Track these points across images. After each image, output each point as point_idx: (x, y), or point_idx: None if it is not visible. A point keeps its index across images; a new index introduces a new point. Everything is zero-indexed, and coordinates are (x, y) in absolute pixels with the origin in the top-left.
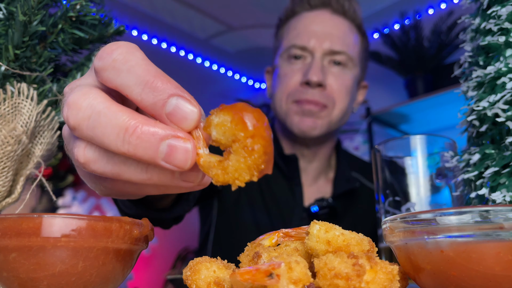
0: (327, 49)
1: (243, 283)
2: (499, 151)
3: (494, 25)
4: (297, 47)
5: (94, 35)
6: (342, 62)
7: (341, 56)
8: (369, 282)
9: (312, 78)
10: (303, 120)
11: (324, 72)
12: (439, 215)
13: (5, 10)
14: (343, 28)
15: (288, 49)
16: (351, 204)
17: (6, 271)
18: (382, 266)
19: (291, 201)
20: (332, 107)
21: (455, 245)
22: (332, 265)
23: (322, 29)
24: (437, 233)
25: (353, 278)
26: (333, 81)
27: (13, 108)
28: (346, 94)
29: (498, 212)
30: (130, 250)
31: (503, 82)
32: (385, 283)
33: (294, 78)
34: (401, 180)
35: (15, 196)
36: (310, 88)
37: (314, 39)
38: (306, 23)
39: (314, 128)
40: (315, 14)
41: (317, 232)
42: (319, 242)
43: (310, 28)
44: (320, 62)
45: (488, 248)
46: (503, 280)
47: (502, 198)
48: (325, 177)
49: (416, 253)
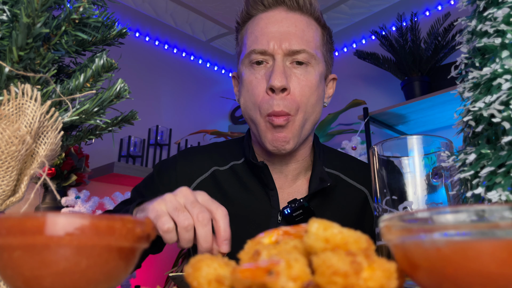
0: (286, 50)
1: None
2: (495, 151)
3: (490, 27)
4: (257, 52)
5: (97, 37)
6: (304, 61)
7: (302, 55)
8: (367, 279)
9: (275, 84)
10: (276, 136)
11: (287, 74)
12: (436, 213)
13: (9, 12)
14: (300, 25)
15: (248, 55)
16: (329, 203)
17: (10, 269)
18: (379, 263)
19: (268, 205)
20: (296, 113)
21: (452, 243)
22: (331, 262)
23: (279, 29)
24: (433, 231)
25: (350, 275)
26: (296, 84)
27: (17, 109)
28: (310, 95)
29: (494, 211)
30: (133, 248)
31: (499, 83)
32: (383, 280)
33: (259, 86)
34: (398, 180)
35: (19, 195)
36: (275, 94)
37: (273, 41)
38: (263, 25)
39: (287, 142)
40: (271, 14)
41: (316, 230)
42: (317, 240)
43: (267, 30)
44: (282, 65)
45: (484, 246)
46: (498, 278)
47: (498, 197)
48: (304, 176)
49: (413, 251)
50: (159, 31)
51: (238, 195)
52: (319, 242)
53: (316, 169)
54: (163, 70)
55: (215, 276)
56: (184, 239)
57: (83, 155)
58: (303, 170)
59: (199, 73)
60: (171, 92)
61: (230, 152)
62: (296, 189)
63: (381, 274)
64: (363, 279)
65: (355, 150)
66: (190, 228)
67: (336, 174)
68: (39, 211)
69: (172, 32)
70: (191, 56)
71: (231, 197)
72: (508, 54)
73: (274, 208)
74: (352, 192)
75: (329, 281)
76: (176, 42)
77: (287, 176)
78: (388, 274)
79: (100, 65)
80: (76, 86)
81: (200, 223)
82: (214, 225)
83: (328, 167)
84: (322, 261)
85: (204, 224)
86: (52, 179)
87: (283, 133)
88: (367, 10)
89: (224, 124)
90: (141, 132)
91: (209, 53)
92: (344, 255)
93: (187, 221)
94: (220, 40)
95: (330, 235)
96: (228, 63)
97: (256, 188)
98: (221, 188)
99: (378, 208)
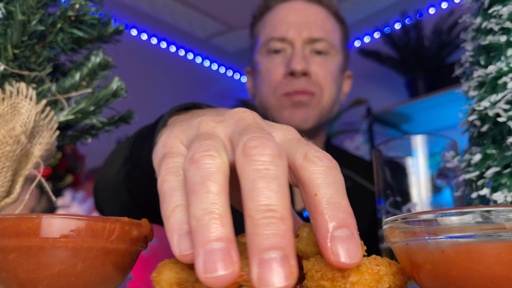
0: (306, 38)
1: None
2: (500, 151)
3: (495, 25)
4: (276, 39)
5: (93, 34)
6: (323, 51)
7: (322, 43)
8: (355, 283)
9: (296, 67)
10: (294, 113)
11: (307, 60)
12: (440, 215)
13: (4, 9)
14: (320, 16)
15: (266, 43)
16: None
17: (5, 271)
18: (368, 267)
19: None
20: (321, 94)
21: (456, 245)
22: (319, 266)
23: (299, 19)
24: (438, 233)
25: (338, 280)
26: (317, 69)
27: (12, 108)
28: (332, 81)
29: (499, 212)
30: (130, 251)
31: (504, 82)
32: (371, 284)
33: (277, 71)
34: (402, 181)
35: (14, 196)
36: (295, 78)
37: (292, 29)
38: (282, 15)
39: (306, 120)
40: (290, 4)
41: (307, 235)
42: (308, 244)
43: (287, 19)
44: (301, 51)
45: (489, 249)
46: (503, 280)
47: (504, 198)
48: None
49: (416, 254)
50: (157, 28)
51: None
52: (310, 247)
53: None
54: (161, 68)
55: (176, 279)
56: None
57: (79, 155)
58: None
59: (198, 72)
60: (169, 91)
61: None
62: None
63: (369, 277)
64: (350, 283)
65: (357, 150)
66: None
67: (348, 174)
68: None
69: (170, 29)
70: (189, 54)
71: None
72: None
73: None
74: (364, 192)
75: (318, 285)
76: (174, 40)
77: None
78: (376, 278)
79: (96, 63)
80: (72, 84)
81: (249, 160)
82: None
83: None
84: (311, 265)
85: (261, 168)
86: (48, 180)
87: (303, 110)
88: (370, 7)
89: None
90: None
91: (208, 51)
92: None
93: (207, 151)
94: (219, 37)
95: None
96: (228, 62)
97: None
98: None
99: (382, 210)
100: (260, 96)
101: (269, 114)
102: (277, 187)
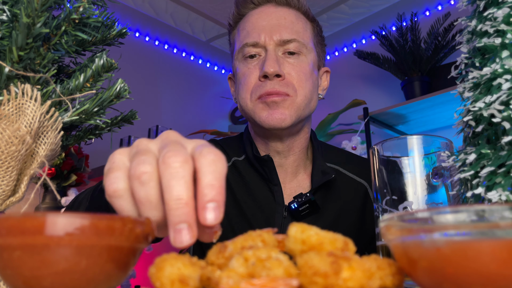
0: (278, 40)
1: None
2: (495, 151)
3: (490, 27)
4: (249, 45)
5: (97, 37)
6: (295, 51)
7: (293, 44)
8: (347, 280)
9: (268, 70)
10: (271, 114)
11: (280, 62)
12: (436, 213)
13: (9, 12)
14: (289, 18)
15: (241, 49)
16: (331, 196)
17: (10, 269)
18: (360, 264)
19: (271, 201)
20: (295, 94)
21: (451, 243)
22: (312, 263)
23: (270, 22)
24: (433, 231)
25: (330, 276)
26: (290, 70)
27: (17, 109)
28: (306, 80)
29: (494, 211)
30: (133, 248)
31: (499, 83)
32: (363, 281)
33: (253, 75)
34: (398, 180)
35: (19, 195)
36: (269, 80)
37: (264, 33)
38: (253, 21)
39: (283, 119)
40: (260, 10)
41: (294, 233)
42: (295, 242)
43: (258, 24)
44: (274, 54)
45: (483, 246)
46: (497, 278)
47: (498, 197)
48: (304, 171)
49: (412, 251)
50: (159, 31)
51: (241, 192)
52: (297, 245)
53: (317, 163)
54: (163, 70)
55: (178, 276)
56: (140, 200)
57: (83, 155)
58: (302, 164)
59: (199, 73)
60: (171, 92)
61: (230, 148)
62: (297, 184)
63: (361, 274)
64: (342, 279)
65: (355, 150)
66: (146, 177)
67: (335, 168)
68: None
69: (172, 32)
70: (191, 56)
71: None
72: (508, 54)
73: (278, 204)
74: (352, 185)
75: (310, 281)
76: (176, 42)
77: (287, 170)
78: (368, 274)
79: (100, 65)
80: (76, 86)
81: (166, 166)
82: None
83: (327, 161)
84: (304, 261)
85: (173, 171)
86: (52, 179)
87: (278, 110)
88: (367, 10)
89: (224, 124)
90: (141, 132)
91: (209, 53)
92: (326, 255)
93: (142, 166)
94: (220, 40)
95: (307, 237)
96: (228, 63)
97: (258, 185)
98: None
99: (378, 208)
100: (240, 100)
101: (249, 117)
102: (184, 183)
